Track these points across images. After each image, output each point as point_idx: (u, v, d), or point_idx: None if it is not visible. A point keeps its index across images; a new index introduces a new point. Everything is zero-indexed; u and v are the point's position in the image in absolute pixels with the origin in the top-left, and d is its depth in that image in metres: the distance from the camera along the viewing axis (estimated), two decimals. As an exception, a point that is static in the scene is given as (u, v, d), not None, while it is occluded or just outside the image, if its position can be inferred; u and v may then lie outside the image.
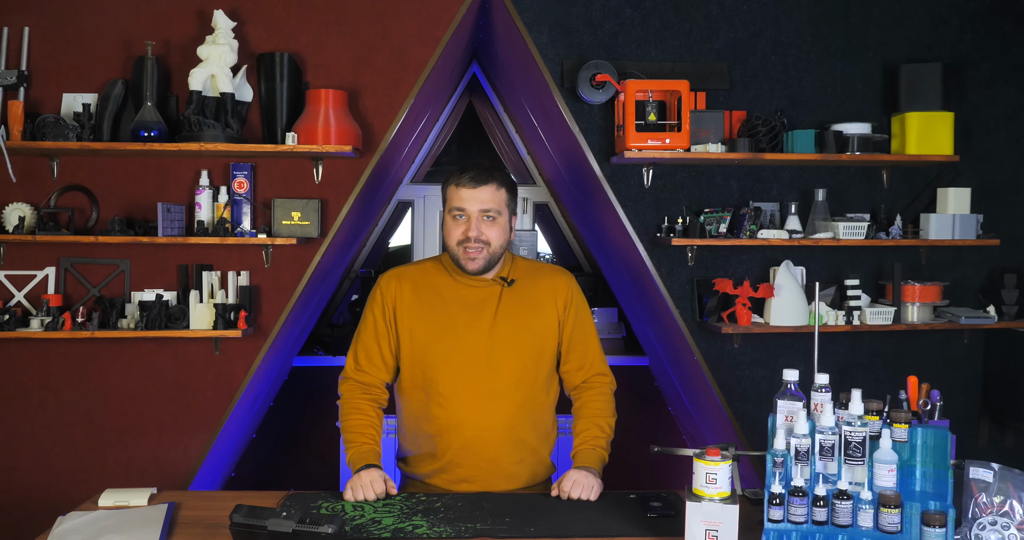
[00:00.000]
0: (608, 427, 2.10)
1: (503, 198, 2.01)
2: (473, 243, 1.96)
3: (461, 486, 2.03)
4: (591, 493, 1.95)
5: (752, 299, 2.84)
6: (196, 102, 2.64)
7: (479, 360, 2.00)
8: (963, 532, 1.55)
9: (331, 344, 3.82)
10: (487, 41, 3.47)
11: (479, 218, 1.97)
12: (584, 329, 2.12)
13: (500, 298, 2.04)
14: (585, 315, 2.13)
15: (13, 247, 2.77)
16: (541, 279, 2.10)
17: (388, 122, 2.81)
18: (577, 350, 2.11)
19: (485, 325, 2.01)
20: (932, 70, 2.87)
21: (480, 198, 1.97)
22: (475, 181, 1.97)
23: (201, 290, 2.76)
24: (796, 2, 2.93)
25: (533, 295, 2.07)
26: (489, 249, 1.98)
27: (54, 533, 1.73)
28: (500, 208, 1.99)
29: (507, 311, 2.04)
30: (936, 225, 2.89)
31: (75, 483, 2.82)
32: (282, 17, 2.79)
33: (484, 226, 1.97)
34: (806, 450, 1.62)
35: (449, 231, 2.00)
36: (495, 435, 2.00)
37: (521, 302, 2.05)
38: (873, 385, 2.02)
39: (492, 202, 1.98)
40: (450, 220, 2.00)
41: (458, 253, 1.99)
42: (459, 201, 1.97)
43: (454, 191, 1.99)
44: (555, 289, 2.08)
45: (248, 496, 1.93)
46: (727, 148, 2.78)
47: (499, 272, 2.07)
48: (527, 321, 2.04)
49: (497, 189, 1.99)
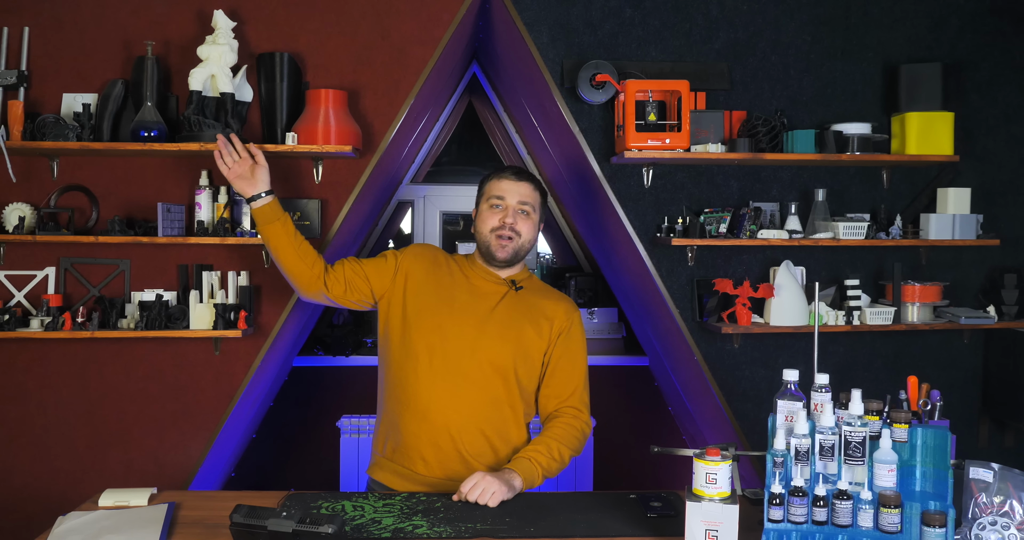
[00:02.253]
0: (558, 452, 2.04)
1: (538, 198, 2.17)
2: (507, 231, 2.08)
3: (422, 469, 2.06)
4: (489, 498, 1.87)
5: (752, 299, 2.84)
6: (196, 102, 2.64)
7: (464, 342, 2.05)
8: (963, 532, 1.55)
9: (331, 344, 3.83)
10: (487, 41, 3.47)
11: (516, 209, 2.10)
12: (572, 361, 2.14)
13: (503, 297, 2.11)
14: (578, 347, 2.16)
15: (13, 247, 2.78)
16: (548, 299, 2.18)
17: (388, 122, 2.81)
18: (559, 377, 2.12)
19: (480, 313, 2.08)
20: (932, 70, 2.88)
21: (520, 191, 2.12)
22: (517, 176, 2.15)
23: (201, 290, 2.76)
24: (796, 2, 2.93)
25: (535, 308, 2.13)
26: (519, 240, 2.11)
27: (54, 533, 1.73)
28: (535, 205, 2.15)
29: (505, 310, 2.09)
30: (936, 225, 2.89)
31: (75, 483, 2.82)
32: (282, 17, 2.79)
33: (519, 218, 2.11)
34: (806, 450, 1.62)
35: (485, 219, 2.13)
36: (458, 419, 2.04)
37: (521, 309, 2.11)
38: (873, 385, 2.02)
39: (529, 198, 2.14)
40: (487, 209, 2.13)
41: (490, 240, 2.11)
42: (499, 190, 2.13)
43: (495, 183, 2.14)
44: (557, 312, 2.15)
45: (248, 496, 1.93)
46: (727, 148, 2.78)
47: (512, 275, 2.16)
48: (519, 327, 2.09)
49: (534, 189, 2.16)
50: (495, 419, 2.08)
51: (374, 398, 2.26)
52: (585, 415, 2.15)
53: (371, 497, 1.97)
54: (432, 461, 2.05)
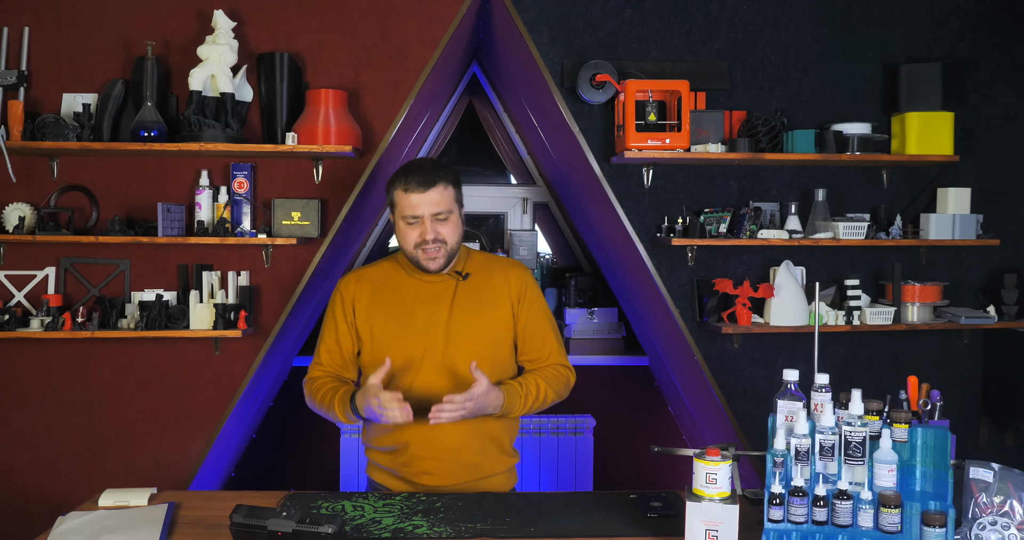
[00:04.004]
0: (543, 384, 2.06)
1: (451, 195, 2.04)
2: (431, 244, 1.99)
3: (423, 479, 2.05)
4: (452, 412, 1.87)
5: (752, 299, 2.84)
6: (196, 102, 2.64)
7: (435, 353, 2.03)
8: (963, 532, 1.55)
9: (331, 344, 3.82)
10: (487, 41, 3.47)
11: (432, 220, 2.00)
12: (538, 321, 2.13)
13: (455, 292, 2.07)
14: (539, 307, 2.14)
15: (13, 247, 2.78)
16: (495, 271, 2.13)
17: (388, 122, 2.81)
18: (533, 341, 2.13)
19: (441, 319, 2.04)
20: (932, 70, 2.87)
21: (431, 200, 1.99)
22: (423, 185, 1.98)
23: (201, 290, 2.76)
24: (796, 2, 2.93)
25: (488, 287, 2.10)
26: (447, 247, 2.02)
27: (54, 533, 1.73)
28: (451, 207, 2.03)
29: (462, 304, 2.06)
30: (936, 225, 2.89)
31: (75, 483, 2.82)
32: (282, 17, 2.79)
33: (439, 226, 2.00)
34: (806, 450, 1.62)
35: (404, 236, 2.03)
36: (454, 426, 1.99)
37: (476, 295, 2.08)
38: (873, 385, 2.02)
39: (442, 203, 2.00)
40: (404, 225, 2.02)
41: (417, 255, 2.02)
42: (411, 208, 1.99)
43: (403, 197, 2.00)
44: (508, 281, 2.11)
45: (248, 496, 1.93)
46: (727, 148, 2.78)
47: (454, 266, 2.10)
48: (481, 313, 2.07)
49: (445, 188, 2.02)
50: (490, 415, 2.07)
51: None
52: (568, 367, 2.15)
53: (371, 497, 1.97)
54: (436, 472, 2.05)
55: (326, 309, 2.16)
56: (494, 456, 2.10)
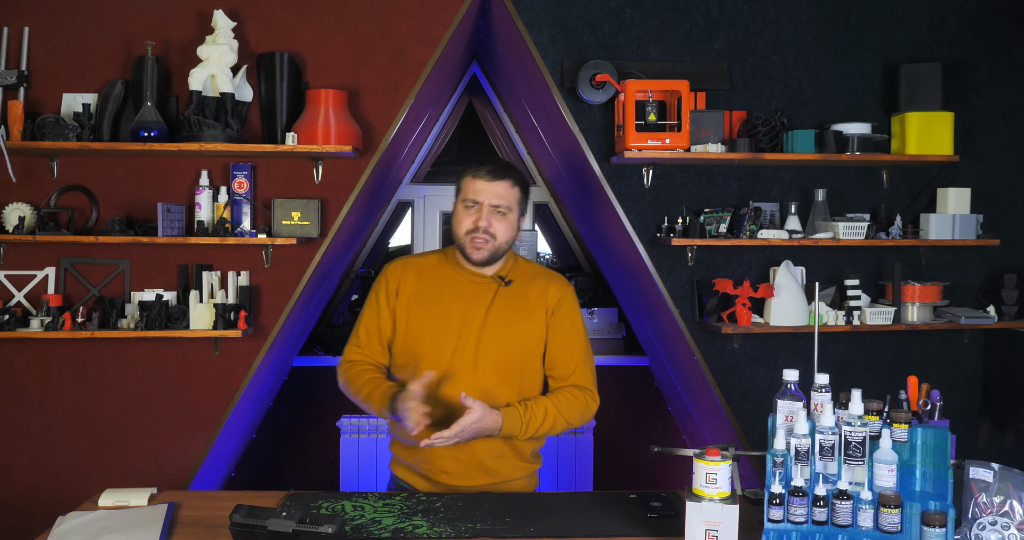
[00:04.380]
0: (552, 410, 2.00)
1: (516, 196, 2.06)
2: (481, 234, 2.00)
3: (442, 477, 2.05)
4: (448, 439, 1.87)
5: (752, 299, 2.84)
6: (196, 102, 2.64)
7: (465, 354, 2.02)
8: (963, 532, 1.55)
9: (331, 344, 3.82)
10: (487, 41, 3.47)
11: (490, 211, 2.01)
12: (568, 336, 2.10)
13: (495, 296, 2.07)
14: (572, 323, 2.11)
15: (13, 247, 2.78)
16: (537, 282, 2.11)
17: (388, 122, 2.81)
18: (559, 356, 2.09)
19: (477, 320, 2.04)
20: (932, 70, 2.87)
21: (494, 191, 2.01)
22: (492, 175, 2.02)
23: (201, 290, 2.76)
24: (796, 2, 2.93)
25: (527, 296, 2.09)
26: (495, 243, 2.02)
27: (54, 533, 1.73)
28: (511, 205, 2.04)
29: (499, 310, 2.05)
30: (936, 225, 2.89)
31: (75, 483, 2.82)
32: (282, 17, 2.79)
33: (494, 219, 2.02)
34: (806, 450, 1.62)
35: (459, 220, 2.04)
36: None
37: (513, 303, 2.07)
38: (873, 385, 2.01)
39: (505, 198, 2.02)
40: (462, 209, 2.04)
41: (465, 242, 2.03)
42: (473, 192, 2.02)
43: (470, 182, 2.04)
44: (546, 292, 2.09)
45: (248, 496, 1.93)
46: (727, 148, 2.78)
47: (499, 270, 2.10)
48: (515, 322, 2.06)
49: (511, 186, 2.04)
50: None
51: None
52: (590, 392, 2.08)
53: (371, 497, 1.97)
54: (454, 472, 2.04)
55: (370, 291, 2.14)
56: (512, 462, 2.08)
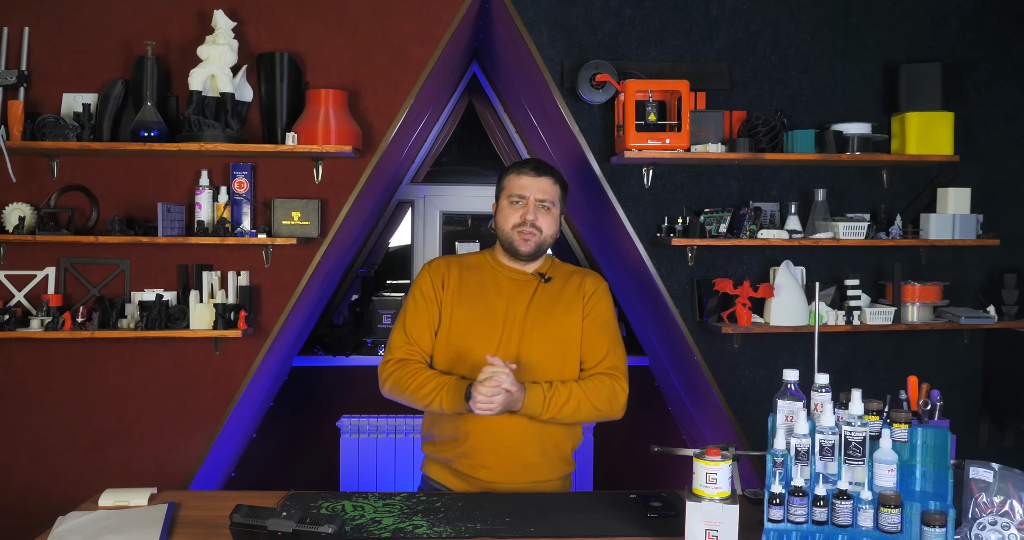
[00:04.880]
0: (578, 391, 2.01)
1: (558, 192, 2.15)
2: (528, 227, 2.08)
3: (481, 472, 2.05)
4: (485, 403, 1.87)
5: (752, 299, 2.84)
6: (196, 102, 2.64)
7: (509, 348, 2.05)
8: (963, 532, 1.55)
9: (331, 344, 3.82)
10: (487, 41, 3.47)
11: (536, 205, 2.10)
12: (600, 325, 2.13)
13: (535, 292, 2.13)
14: (604, 312, 2.15)
15: (13, 247, 2.77)
16: (573, 278, 2.19)
17: (388, 122, 2.81)
18: (589, 344, 2.11)
19: (519, 316, 2.09)
20: (932, 70, 2.87)
21: (540, 187, 2.10)
22: (536, 171, 2.11)
23: (201, 290, 2.76)
24: (796, 2, 2.93)
25: (564, 292, 2.15)
26: (541, 236, 2.11)
27: (54, 533, 1.73)
28: (555, 200, 2.13)
29: (539, 304, 2.11)
30: (936, 225, 2.89)
31: (75, 483, 2.82)
32: (282, 17, 2.79)
33: (540, 213, 2.10)
34: (806, 450, 1.62)
35: (506, 216, 2.11)
36: (518, 423, 2.01)
37: (553, 298, 2.13)
38: (873, 385, 2.02)
39: (549, 193, 2.12)
40: (508, 205, 2.12)
41: (512, 236, 2.10)
42: (520, 188, 2.10)
43: (515, 179, 2.12)
44: (583, 286, 2.17)
45: (248, 496, 1.93)
46: (727, 148, 2.78)
47: (539, 268, 2.17)
48: (556, 316, 2.10)
49: (554, 183, 2.13)
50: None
51: (374, 398, 2.26)
52: (618, 378, 2.07)
53: (371, 497, 1.97)
54: (494, 468, 2.04)
55: (411, 287, 2.15)
56: (553, 461, 2.09)
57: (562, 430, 2.09)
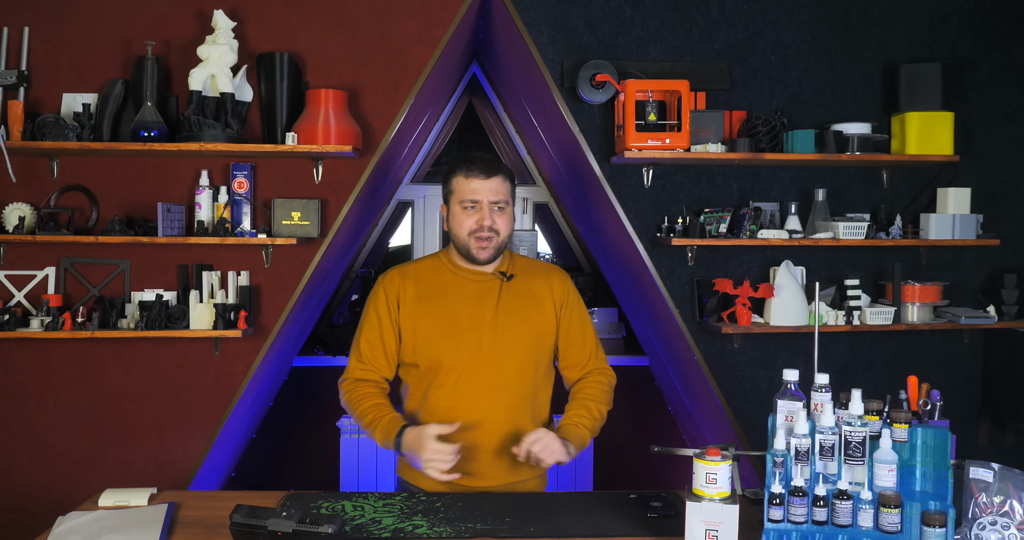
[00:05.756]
0: (597, 411, 2.09)
1: (509, 190, 2.07)
2: (486, 232, 2.01)
3: (462, 479, 2.02)
4: (552, 455, 1.92)
5: (752, 299, 2.84)
6: (196, 102, 2.64)
7: (481, 352, 2.02)
8: (963, 532, 1.55)
9: (331, 344, 3.83)
10: (487, 41, 3.47)
11: (491, 208, 2.02)
12: (581, 327, 2.15)
13: (500, 292, 2.07)
14: (581, 313, 2.16)
15: (13, 247, 2.77)
16: (539, 275, 2.14)
17: (388, 122, 2.81)
18: (575, 347, 2.13)
19: (487, 318, 2.04)
20: (932, 70, 2.87)
21: (492, 188, 2.02)
22: (486, 172, 2.02)
23: (201, 290, 2.76)
24: (796, 2, 2.93)
25: (531, 289, 2.10)
26: (499, 238, 2.03)
27: (54, 533, 1.73)
28: (508, 199, 2.06)
29: (507, 305, 2.06)
30: (936, 225, 2.89)
31: (75, 483, 2.82)
32: (282, 17, 2.79)
33: (495, 216, 2.02)
34: (806, 450, 1.62)
35: (460, 222, 2.03)
36: (496, 427, 2.01)
37: (520, 296, 2.09)
38: (873, 385, 2.02)
39: (502, 192, 2.04)
40: (460, 210, 2.03)
41: (469, 243, 2.03)
42: (471, 192, 2.01)
43: (464, 182, 2.03)
44: (551, 285, 2.13)
45: (248, 496, 1.93)
46: (727, 148, 2.78)
47: (499, 266, 2.11)
48: (526, 315, 2.07)
49: (504, 181, 2.06)
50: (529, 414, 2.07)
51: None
52: (609, 372, 2.17)
53: (371, 497, 1.97)
54: (474, 472, 2.04)
55: (367, 303, 2.13)
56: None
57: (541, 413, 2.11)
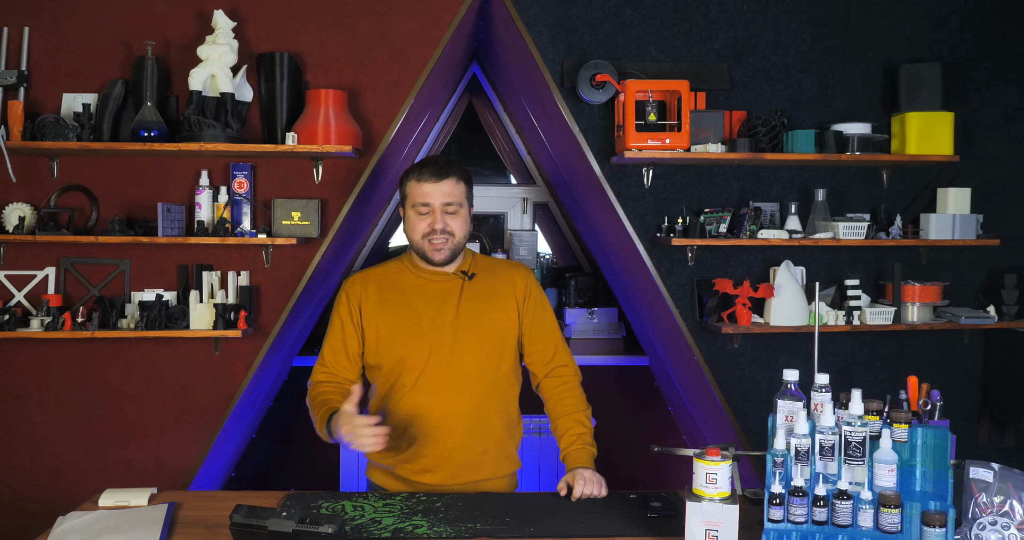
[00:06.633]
0: (587, 421, 2.13)
1: (463, 191, 2.08)
2: (439, 235, 2.02)
3: (424, 476, 2.05)
4: (601, 489, 1.99)
5: (752, 299, 2.84)
6: (196, 102, 2.64)
7: (442, 351, 2.04)
8: (963, 532, 1.55)
9: (331, 344, 3.82)
10: (487, 41, 3.47)
11: (442, 211, 2.03)
12: (544, 322, 2.16)
13: (462, 291, 2.09)
14: (544, 308, 2.17)
15: (13, 247, 2.77)
16: (500, 273, 2.16)
17: (388, 122, 2.81)
18: (538, 342, 2.15)
19: (448, 317, 2.06)
20: (932, 70, 2.87)
21: (443, 191, 2.03)
22: (436, 176, 2.03)
23: (201, 290, 2.76)
24: (796, 2, 2.93)
25: (493, 288, 2.12)
26: (454, 240, 2.05)
27: (54, 533, 1.73)
28: (461, 200, 2.07)
29: (469, 303, 2.08)
30: (936, 225, 2.89)
31: (75, 483, 2.82)
32: (282, 17, 2.79)
33: (448, 218, 2.04)
34: (806, 450, 1.62)
35: (413, 225, 2.05)
36: (458, 424, 2.03)
37: (482, 295, 2.10)
38: (873, 385, 2.02)
39: (454, 195, 2.04)
40: (413, 215, 2.05)
41: (423, 246, 2.05)
42: (422, 196, 2.03)
43: (415, 186, 2.05)
44: (513, 282, 2.14)
45: (248, 496, 1.93)
46: (727, 148, 2.78)
47: (460, 266, 2.12)
48: (488, 312, 2.09)
49: (457, 182, 2.06)
50: (495, 413, 2.09)
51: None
52: (572, 366, 2.19)
53: (371, 497, 1.97)
54: (436, 470, 2.05)
55: (332, 310, 2.15)
56: (497, 459, 2.10)
57: (503, 428, 2.11)
